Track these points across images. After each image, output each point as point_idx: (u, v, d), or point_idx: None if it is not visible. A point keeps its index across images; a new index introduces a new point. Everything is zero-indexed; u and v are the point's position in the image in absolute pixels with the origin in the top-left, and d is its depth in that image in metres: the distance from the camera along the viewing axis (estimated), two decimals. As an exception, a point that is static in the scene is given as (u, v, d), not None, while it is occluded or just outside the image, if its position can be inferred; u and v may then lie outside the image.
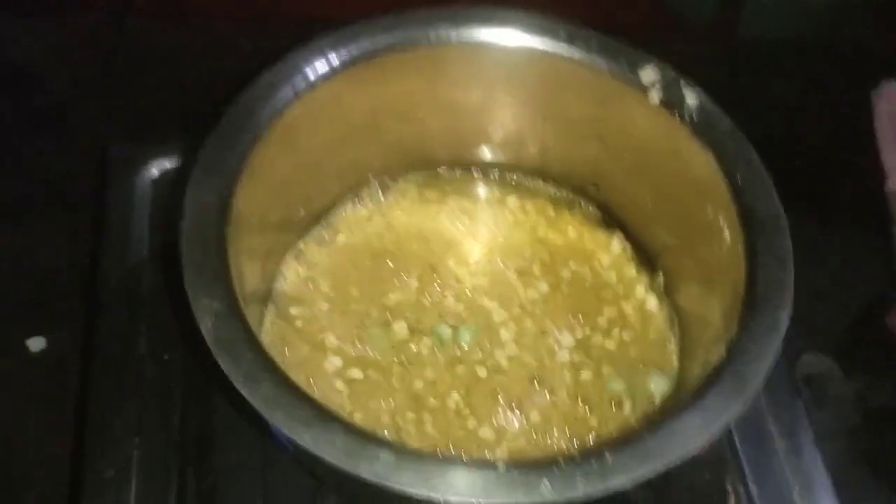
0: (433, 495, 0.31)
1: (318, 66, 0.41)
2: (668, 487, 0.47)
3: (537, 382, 0.45)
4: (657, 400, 0.44)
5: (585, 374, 0.45)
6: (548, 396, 0.44)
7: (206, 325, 0.33)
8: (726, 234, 0.40)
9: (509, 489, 0.31)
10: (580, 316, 0.47)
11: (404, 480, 0.31)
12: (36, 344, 0.55)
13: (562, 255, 0.49)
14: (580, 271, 0.49)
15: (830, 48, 0.77)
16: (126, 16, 0.72)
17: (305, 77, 0.41)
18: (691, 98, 0.42)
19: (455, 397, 0.44)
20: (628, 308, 0.47)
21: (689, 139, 0.42)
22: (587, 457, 0.32)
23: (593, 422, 0.44)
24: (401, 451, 0.32)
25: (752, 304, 0.37)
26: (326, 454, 0.31)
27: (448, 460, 0.33)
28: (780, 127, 0.71)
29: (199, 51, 0.68)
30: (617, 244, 0.50)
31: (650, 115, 0.43)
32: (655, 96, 0.43)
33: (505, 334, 0.46)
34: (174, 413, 0.47)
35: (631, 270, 0.49)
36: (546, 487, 0.31)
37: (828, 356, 0.57)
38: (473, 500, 0.31)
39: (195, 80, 0.65)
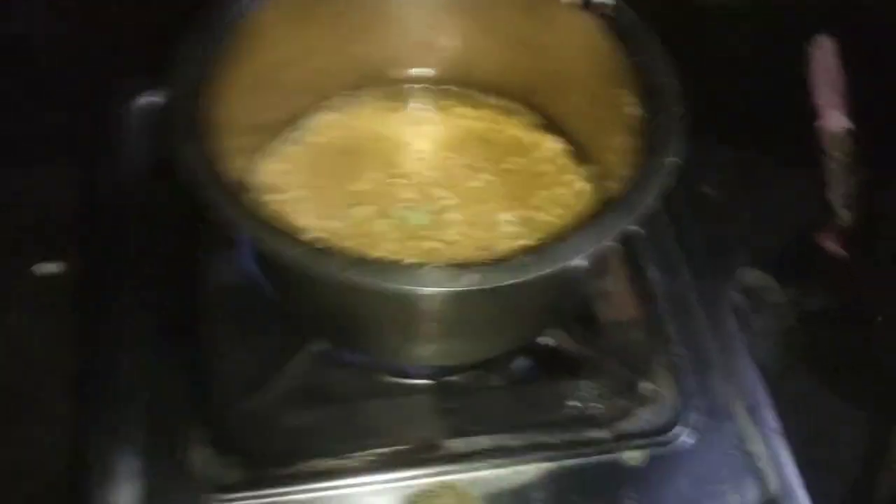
0: (383, 285, 0.38)
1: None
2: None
3: (484, 252, 0.51)
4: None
5: (524, 242, 0.51)
6: (493, 259, 0.51)
7: (192, 170, 0.40)
8: (632, 108, 0.47)
9: (443, 280, 0.38)
10: (520, 198, 0.54)
11: (357, 275, 0.38)
12: (41, 269, 0.61)
13: (504, 152, 0.56)
14: (520, 163, 0.56)
15: (775, 7, 0.82)
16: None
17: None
18: (605, -1, 0.50)
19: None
20: (562, 190, 0.54)
21: (603, 34, 0.49)
22: (506, 259, 0.39)
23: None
24: (356, 254, 0.39)
25: (646, 152, 0.44)
26: (291, 254, 0.38)
27: (397, 262, 0.40)
28: (730, 77, 0.75)
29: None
30: (552, 141, 0.57)
31: (568, 16, 0.50)
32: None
33: (454, 215, 0.53)
34: (170, 294, 0.54)
35: (566, 162, 0.56)
36: (473, 277, 0.38)
37: (765, 271, 0.64)
38: (411, 286, 0.38)
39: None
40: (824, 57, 0.75)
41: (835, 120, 0.71)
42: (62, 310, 0.58)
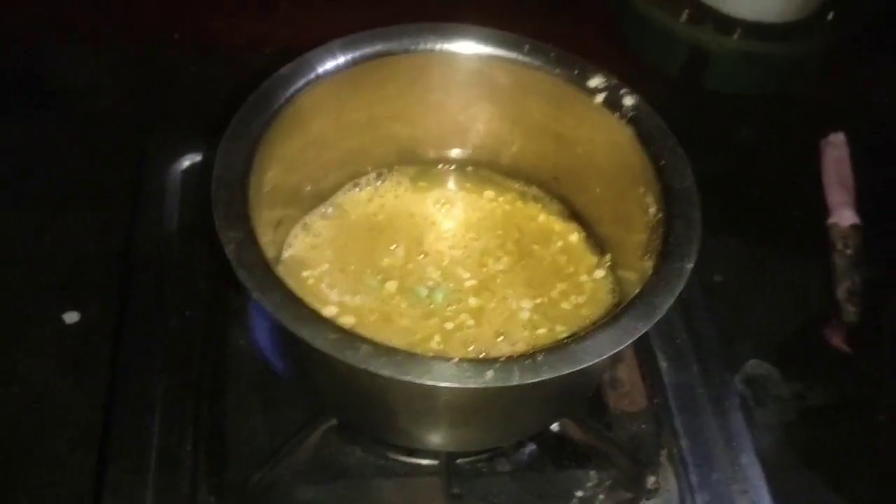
0: (402, 377, 0.39)
1: (328, 64, 0.51)
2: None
3: (501, 337, 0.53)
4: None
5: (541, 331, 0.53)
6: (510, 347, 0.52)
7: (229, 249, 0.42)
8: (652, 208, 0.49)
9: (461, 377, 0.40)
10: (538, 286, 0.56)
11: (378, 366, 0.40)
12: (70, 317, 0.61)
13: (526, 237, 0.58)
14: (541, 251, 0.58)
15: (786, 101, 0.86)
16: (165, 45, 0.81)
17: (316, 72, 0.50)
18: (629, 101, 0.52)
19: (432, 342, 0.52)
20: (580, 279, 0.56)
21: (626, 133, 0.51)
22: (523, 357, 0.41)
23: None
24: (379, 345, 0.40)
25: (664, 255, 0.45)
26: (319, 342, 0.40)
27: (417, 354, 0.41)
28: (740, 167, 0.80)
29: (221, 76, 0.76)
30: (573, 230, 0.58)
31: (596, 115, 0.52)
32: (600, 98, 0.52)
33: (474, 298, 0.55)
34: (193, 357, 0.56)
35: (584, 252, 0.58)
36: (489, 375, 0.40)
37: (770, 363, 0.65)
38: (430, 381, 0.39)
39: (218, 99, 0.74)
40: (836, 153, 0.78)
41: (844, 216, 0.73)
42: (87, 360, 0.59)
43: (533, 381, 0.40)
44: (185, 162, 0.65)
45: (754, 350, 0.66)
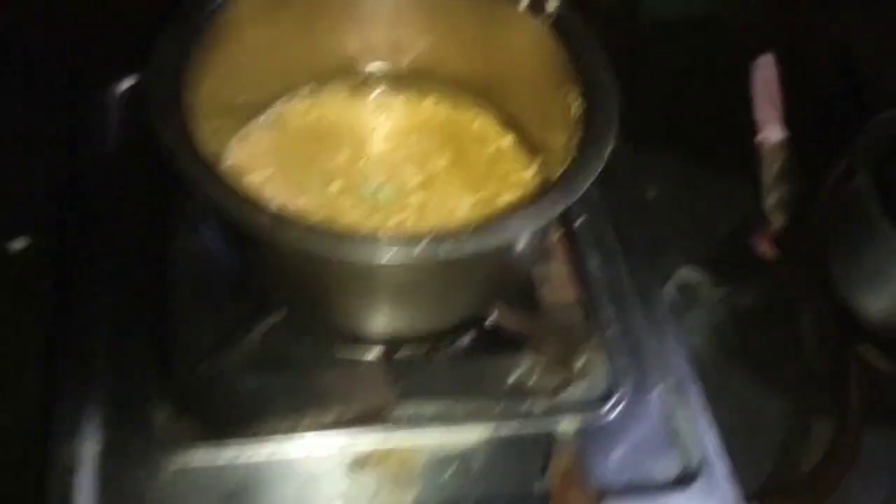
0: (336, 254, 0.41)
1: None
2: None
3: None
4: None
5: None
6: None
7: (166, 137, 0.44)
8: (574, 104, 0.52)
9: (390, 251, 0.42)
10: (476, 185, 0.58)
11: (312, 244, 0.42)
12: (18, 244, 0.62)
13: (462, 141, 0.61)
14: (477, 154, 0.60)
15: (717, 25, 0.88)
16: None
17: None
18: (551, 4, 0.54)
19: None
20: (514, 178, 0.59)
21: (549, 36, 0.54)
22: (450, 233, 0.43)
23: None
24: (311, 225, 0.42)
25: (584, 140, 0.48)
26: (255, 224, 0.42)
27: (351, 233, 0.43)
28: (674, 90, 0.81)
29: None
30: (505, 135, 0.61)
31: (522, 22, 0.55)
32: (524, 3, 0.54)
33: (417, 195, 0.57)
34: (139, 265, 0.58)
35: (517, 154, 0.60)
36: (416, 249, 0.42)
37: (701, 269, 0.68)
38: (364, 257, 0.42)
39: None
40: (765, 73, 0.80)
41: (773, 132, 0.76)
42: (35, 285, 0.60)
43: (458, 255, 0.42)
44: (123, 85, 0.65)
45: (686, 258, 0.69)
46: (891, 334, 0.64)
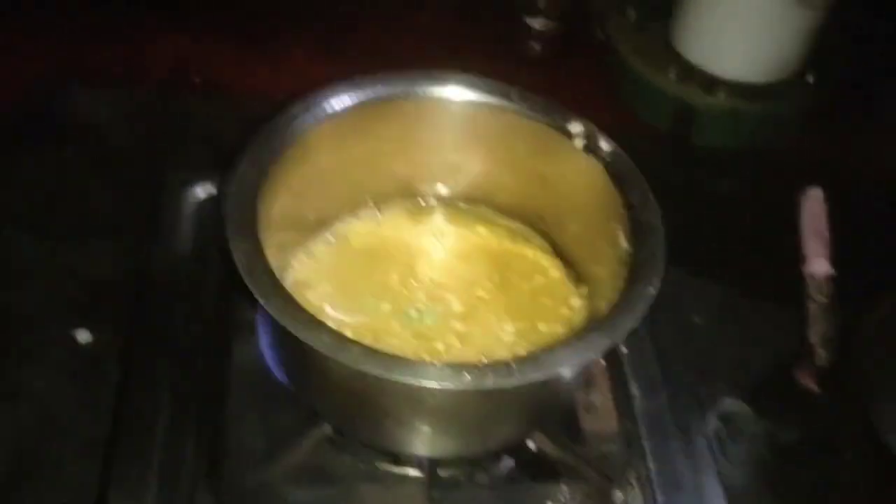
0: (387, 376, 0.44)
1: (334, 104, 0.56)
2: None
3: (484, 357, 0.57)
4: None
5: (521, 353, 0.57)
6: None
7: (238, 256, 0.47)
8: (623, 243, 0.54)
9: (440, 377, 0.44)
10: (520, 313, 0.60)
11: (367, 365, 0.44)
12: (83, 336, 0.64)
13: (510, 268, 0.63)
14: (524, 283, 0.62)
15: (768, 156, 0.91)
16: (179, 88, 0.87)
17: (323, 111, 0.56)
18: (605, 146, 0.57)
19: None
20: (559, 308, 0.61)
21: (602, 175, 0.56)
22: (498, 364, 0.45)
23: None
24: (368, 347, 0.45)
25: (630, 282, 0.50)
26: (316, 343, 0.44)
27: (403, 358, 0.45)
28: (723, 217, 0.84)
29: (231, 120, 0.78)
30: (553, 263, 0.63)
31: (576, 158, 0.58)
32: (580, 143, 0.58)
33: (460, 321, 0.59)
34: (198, 369, 0.60)
35: (564, 285, 0.62)
36: (466, 378, 0.44)
37: (744, 401, 0.68)
38: (414, 381, 0.44)
39: (228, 138, 0.69)
40: (814, 207, 0.82)
41: (819, 266, 0.77)
42: (97, 377, 0.62)
43: (505, 385, 0.44)
44: (199, 193, 0.70)
45: (729, 388, 0.69)
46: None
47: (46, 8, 0.91)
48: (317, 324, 0.45)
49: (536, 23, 0.95)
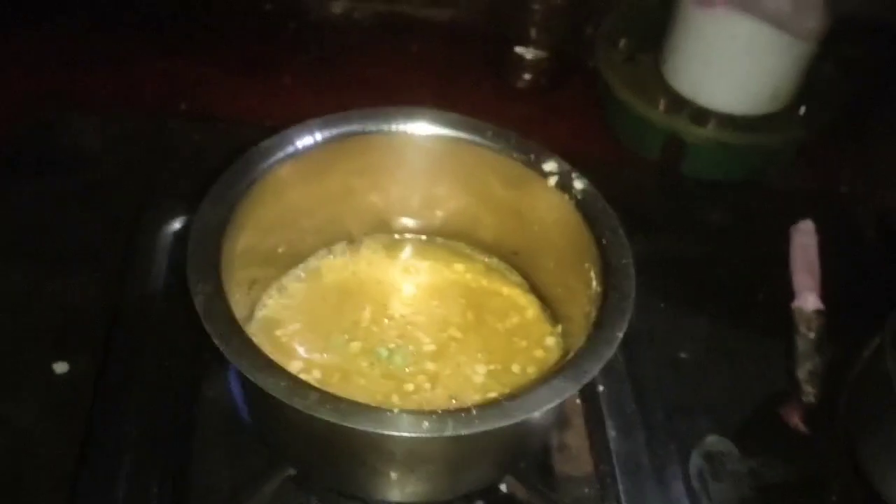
0: (343, 423, 0.43)
1: (306, 140, 0.56)
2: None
3: (454, 400, 0.57)
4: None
5: (493, 395, 0.56)
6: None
7: (198, 301, 0.47)
8: (594, 282, 0.53)
9: (398, 425, 0.43)
10: (493, 353, 0.59)
11: (323, 412, 0.43)
12: (60, 367, 0.64)
13: (484, 306, 0.62)
14: (497, 319, 0.62)
15: (758, 188, 0.89)
16: (168, 117, 0.87)
17: (294, 146, 0.56)
18: (578, 184, 0.57)
19: (389, 402, 0.56)
20: (532, 349, 0.60)
21: (575, 214, 0.56)
22: (459, 411, 0.44)
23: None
24: (326, 393, 0.44)
25: (597, 324, 0.49)
26: (271, 388, 0.44)
27: (360, 404, 0.45)
28: (711, 250, 0.82)
29: (221, 147, 0.78)
30: (528, 301, 0.63)
31: (550, 196, 0.57)
32: (553, 181, 0.57)
33: (431, 362, 0.59)
34: (166, 406, 0.60)
35: (539, 324, 0.61)
36: (425, 425, 0.43)
37: (729, 439, 0.67)
38: (371, 429, 0.43)
39: (213, 168, 0.74)
40: (804, 240, 0.80)
41: (808, 301, 0.75)
42: (72, 408, 0.62)
43: (466, 432, 0.43)
44: (176, 225, 0.69)
45: (714, 426, 0.68)
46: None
47: (36, 35, 0.92)
48: (274, 368, 0.45)
49: (527, 53, 0.95)
